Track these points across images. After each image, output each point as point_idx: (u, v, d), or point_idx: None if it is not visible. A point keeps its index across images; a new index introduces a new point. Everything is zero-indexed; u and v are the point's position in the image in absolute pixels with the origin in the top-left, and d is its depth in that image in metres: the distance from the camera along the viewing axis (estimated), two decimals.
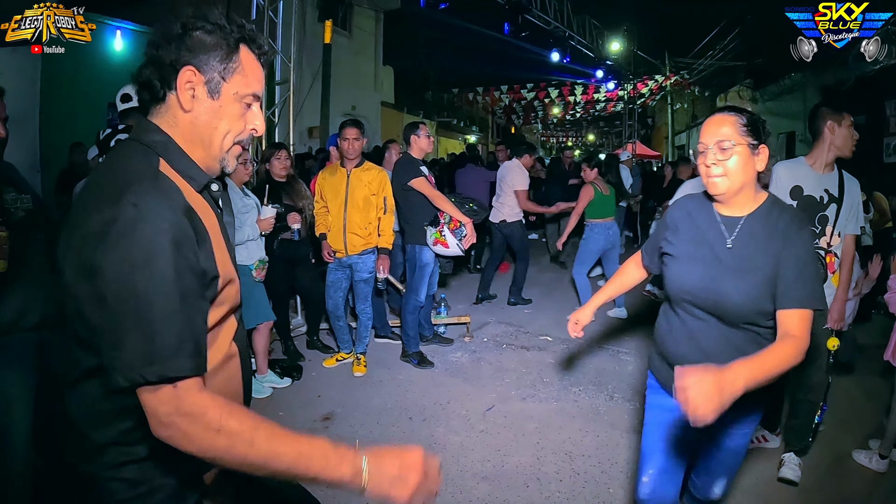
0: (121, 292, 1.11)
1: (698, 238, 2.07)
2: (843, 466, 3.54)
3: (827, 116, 3.22)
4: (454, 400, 4.51)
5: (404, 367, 5.18)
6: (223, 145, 1.36)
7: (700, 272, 2.02)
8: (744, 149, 1.91)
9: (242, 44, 1.34)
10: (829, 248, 3.26)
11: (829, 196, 3.23)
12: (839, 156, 3.23)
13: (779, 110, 16.42)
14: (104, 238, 1.12)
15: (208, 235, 1.27)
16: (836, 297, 3.26)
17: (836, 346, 3.27)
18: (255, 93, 1.37)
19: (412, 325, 5.21)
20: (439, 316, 6.13)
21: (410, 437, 3.91)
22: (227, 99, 1.33)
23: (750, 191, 2.00)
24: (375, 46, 18.22)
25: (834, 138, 3.19)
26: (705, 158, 1.96)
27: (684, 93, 24.55)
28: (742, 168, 1.93)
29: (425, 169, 5.04)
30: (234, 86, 1.33)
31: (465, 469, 3.52)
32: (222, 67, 1.31)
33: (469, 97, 27.05)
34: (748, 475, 3.43)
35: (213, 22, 1.30)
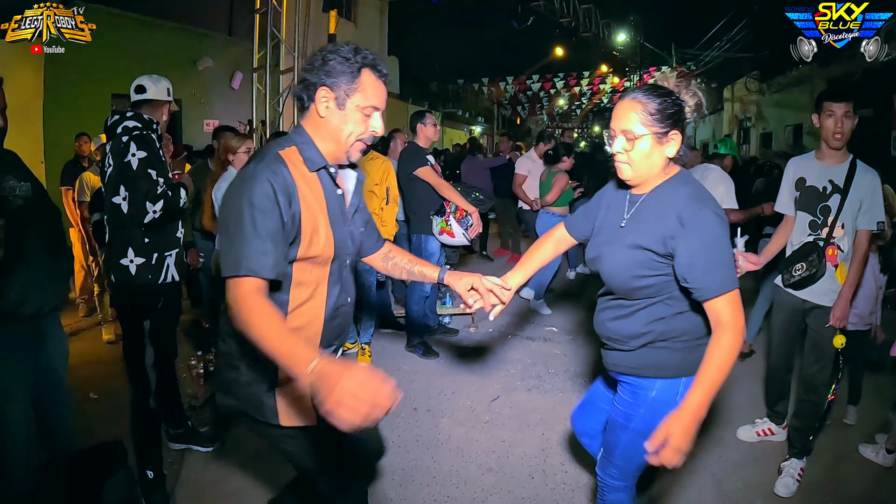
0: (231, 218, 1.73)
1: (607, 217, 2.14)
2: (849, 461, 3.52)
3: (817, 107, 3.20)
4: (459, 391, 4.49)
5: (409, 357, 5.16)
6: (347, 142, 1.88)
7: (597, 246, 2.12)
8: (650, 138, 1.89)
9: (365, 69, 1.84)
10: (832, 240, 3.17)
11: (832, 186, 3.16)
12: (831, 146, 3.16)
13: (786, 102, 16.29)
14: (233, 183, 1.83)
15: (297, 197, 1.78)
16: (841, 294, 3.13)
17: (843, 344, 3.16)
18: (374, 105, 1.87)
19: (417, 315, 5.19)
20: (444, 306, 6.11)
21: (415, 427, 3.89)
22: (351, 110, 1.84)
23: (658, 172, 1.98)
24: (380, 37, 18.08)
25: (821, 130, 3.17)
26: (613, 145, 1.97)
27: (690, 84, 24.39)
28: (647, 157, 1.92)
29: (431, 158, 5.00)
30: (356, 100, 1.84)
31: (470, 460, 3.51)
32: (347, 87, 1.82)
33: (474, 88, 26.93)
34: (753, 468, 3.41)
35: (343, 55, 1.81)
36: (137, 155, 2.99)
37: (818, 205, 3.20)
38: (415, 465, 3.46)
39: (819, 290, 3.20)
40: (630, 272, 1.97)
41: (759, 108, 18.81)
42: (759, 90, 18.53)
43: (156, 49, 9.14)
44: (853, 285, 3.14)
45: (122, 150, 3.00)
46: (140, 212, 2.99)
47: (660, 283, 1.96)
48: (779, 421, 3.71)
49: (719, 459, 3.53)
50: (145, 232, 3.08)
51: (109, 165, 3.06)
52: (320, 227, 1.86)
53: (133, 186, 2.99)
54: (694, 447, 3.48)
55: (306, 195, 1.82)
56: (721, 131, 22.48)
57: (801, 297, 3.28)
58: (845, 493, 3.26)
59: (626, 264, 1.97)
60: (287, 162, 1.81)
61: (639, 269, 1.95)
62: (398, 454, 3.56)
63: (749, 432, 3.77)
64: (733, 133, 20.96)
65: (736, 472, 3.40)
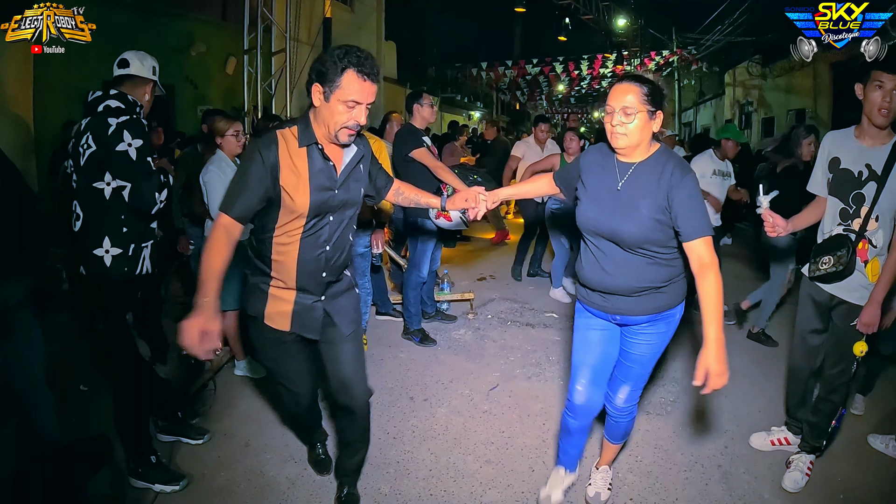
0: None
1: (600, 181, 2.49)
2: (858, 451, 3.42)
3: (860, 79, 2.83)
4: (457, 379, 4.38)
5: (406, 344, 5.05)
6: (333, 127, 2.28)
7: (599, 208, 2.46)
8: (643, 115, 2.32)
9: (348, 69, 2.20)
10: (864, 232, 2.84)
11: (869, 172, 2.81)
12: (874, 123, 2.78)
13: (788, 87, 16.17)
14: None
15: (279, 165, 2.28)
16: (871, 298, 2.81)
17: (864, 353, 2.90)
18: (354, 99, 2.23)
19: (414, 301, 5.08)
20: (442, 292, 6.00)
21: (411, 417, 3.79)
22: (334, 102, 2.24)
23: (645, 144, 2.41)
24: (377, 21, 17.91)
25: (864, 103, 2.80)
26: (612, 119, 2.35)
27: (691, 69, 24.16)
28: (640, 130, 2.34)
29: (427, 139, 4.85)
30: (338, 95, 2.23)
31: (468, 452, 3.40)
32: (332, 84, 2.22)
33: (472, 73, 26.72)
34: (760, 460, 3.32)
35: (334, 57, 2.20)
36: (134, 144, 2.82)
37: (851, 192, 2.88)
38: (411, 457, 3.35)
39: (848, 286, 2.92)
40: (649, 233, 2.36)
41: (761, 93, 18.67)
42: (760, 74, 18.37)
43: (149, 35, 8.98)
44: (886, 287, 2.79)
45: (111, 135, 2.80)
46: (148, 203, 2.91)
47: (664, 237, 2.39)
48: (796, 430, 3.40)
49: (725, 451, 3.42)
50: (124, 220, 2.90)
51: (89, 146, 2.81)
52: (298, 188, 2.32)
53: (137, 177, 2.85)
54: (700, 439, 3.42)
55: (288, 164, 2.31)
56: (722, 116, 22.34)
57: (828, 292, 3.01)
58: (853, 485, 3.15)
59: (643, 226, 2.35)
60: (280, 138, 2.32)
61: (654, 228, 2.35)
62: (393, 446, 3.45)
63: (763, 440, 3.50)
64: (735, 118, 20.82)
65: (743, 464, 3.30)
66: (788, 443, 3.43)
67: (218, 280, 2.21)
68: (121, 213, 2.89)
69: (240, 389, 4.15)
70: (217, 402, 3.93)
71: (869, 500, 3.09)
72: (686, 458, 3.34)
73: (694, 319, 4.75)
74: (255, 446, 3.42)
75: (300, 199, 2.32)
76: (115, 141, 2.80)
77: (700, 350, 2.21)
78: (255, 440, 3.48)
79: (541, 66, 22.92)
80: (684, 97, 26.32)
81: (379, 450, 3.38)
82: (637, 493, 3.04)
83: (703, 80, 25.10)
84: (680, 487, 3.08)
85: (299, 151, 2.33)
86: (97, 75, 8.02)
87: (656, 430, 3.65)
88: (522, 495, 3.03)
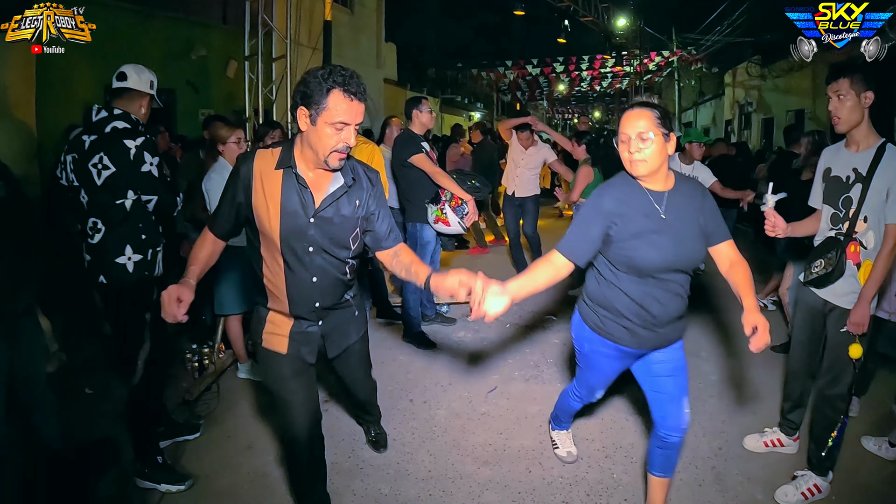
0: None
1: (644, 216, 2.41)
2: (852, 454, 3.42)
3: None
4: (456, 381, 4.44)
5: (405, 347, 5.10)
6: (322, 152, 2.18)
7: (662, 243, 2.38)
8: (659, 138, 2.32)
9: (334, 89, 2.10)
10: (854, 235, 2.87)
11: (856, 175, 2.86)
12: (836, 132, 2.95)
13: (787, 87, 16.16)
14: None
15: (252, 186, 2.26)
16: (860, 296, 2.82)
17: (860, 356, 2.86)
18: (342, 120, 2.13)
19: (413, 304, 5.13)
20: None
21: (410, 420, 3.85)
22: (321, 126, 2.14)
23: (665, 169, 2.43)
24: (377, 23, 17.94)
25: None
26: (628, 146, 2.35)
27: (691, 69, 24.18)
28: (658, 154, 2.34)
29: (426, 145, 4.91)
30: (325, 117, 2.13)
31: (466, 453, 3.46)
32: (317, 107, 2.12)
33: (473, 73, 26.75)
34: (754, 461, 3.37)
35: (318, 78, 2.11)
36: (154, 162, 3.02)
37: (840, 196, 2.93)
38: (410, 458, 3.42)
39: (838, 290, 2.94)
40: (701, 252, 2.47)
41: (761, 94, 18.67)
42: (760, 75, 18.37)
43: (150, 39, 9.02)
44: (875, 286, 2.80)
45: (133, 160, 2.94)
46: (172, 208, 3.27)
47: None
48: (790, 431, 3.46)
49: (720, 452, 3.48)
50: (142, 228, 3.07)
51: (105, 167, 2.93)
52: (269, 211, 2.26)
53: (161, 190, 3.10)
54: (695, 440, 3.48)
55: (260, 185, 2.26)
56: (722, 117, 22.38)
57: (822, 297, 3.04)
58: (847, 487, 3.18)
59: (698, 247, 2.45)
60: (258, 157, 2.29)
61: (701, 243, 2.47)
62: (393, 447, 3.51)
63: (756, 441, 3.54)
64: (734, 118, 20.84)
65: (736, 465, 3.35)
66: (782, 444, 3.47)
67: (199, 266, 2.34)
68: (139, 222, 3.07)
69: (243, 392, 4.21)
70: (220, 404, 3.99)
71: (861, 501, 3.13)
72: (680, 459, 3.38)
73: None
74: (259, 448, 3.48)
75: (271, 223, 2.26)
76: (139, 164, 2.97)
77: (742, 316, 2.33)
78: (258, 442, 3.54)
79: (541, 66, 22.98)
80: (684, 97, 26.33)
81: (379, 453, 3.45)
82: (631, 493, 3.10)
83: (702, 81, 25.12)
84: (674, 488, 3.11)
85: (274, 173, 2.26)
86: (98, 80, 8.14)
87: None
88: (520, 496, 3.08)
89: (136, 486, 3.09)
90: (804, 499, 3.02)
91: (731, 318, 5.86)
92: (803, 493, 3.03)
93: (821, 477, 3.06)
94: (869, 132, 2.90)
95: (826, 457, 3.04)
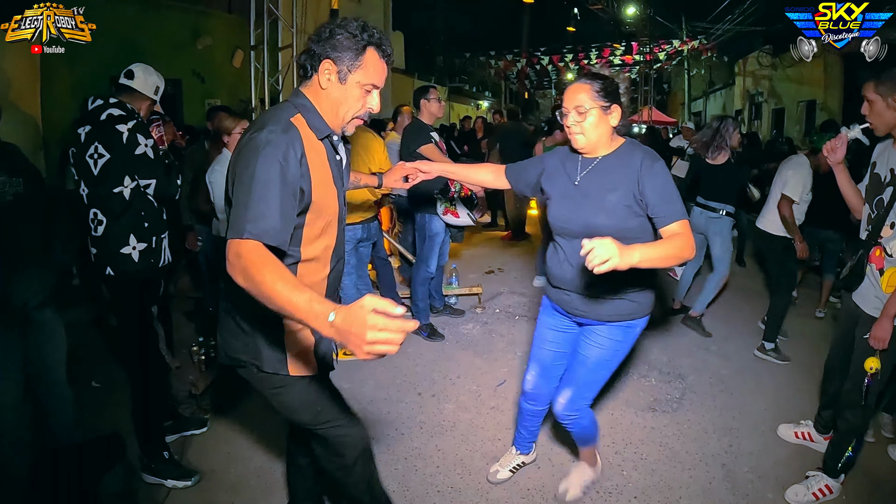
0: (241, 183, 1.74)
1: (564, 178, 2.52)
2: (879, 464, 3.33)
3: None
4: (464, 374, 4.41)
5: (414, 339, 5.07)
6: (344, 116, 1.97)
7: (567, 205, 2.47)
8: (597, 111, 2.35)
9: (370, 47, 1.89)
10: (879, 239, 2.73)
11: (892, 176, 2.69)
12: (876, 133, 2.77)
13: (799, 78, 16.03)
14: (244, 148, 1.81)
15: (306, 161, 1.84)
16: (884, 311, 2.66)
17: (875, 370, 2.73)
18: (374, 83, 1.94)
19: (422, 296, 5.11)
20: (450, 287, 6.02)
21: (419, 413, 3.83)
22: (352, 85, 1.91)
23: (607, 140, 2.43)
24: (385, 11, 17.85)
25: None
26: (567, 120, 2.40)
27: (701, 58, 23.99)
28: (596, 126, 2.37)
29: (435, 135, 4.87)
30: (357, 77, 1.90)
31: (475, 449, 3.43)
32: (351, 63, 1.88)
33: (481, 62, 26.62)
34: (764, 458, 3.34)
35: (350, 31, 1.86)
36: (148, 143, 2.98)
37: (875, 197, 2.79)
38: (418, 452, 3.39)
39: (865, 295, 2.83)
40: (624, 222, 2.36)
41: (772, 83, 18.53)
42: (771, 64, 18.21)
43: (155, 29, 8.99)
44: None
45: (126, 142, 2.90)
46: (172, 191, 3.16)
47: (640, 225, 2.39)
48: (821, 430, 3.40)
49: (730, 449, 3.44)
50: (145, 216, 3.03)
51: (101, 155, 2.89)
52: (328, 191, 1.97)
53: (159, 172, 3.03)
54: (705, 436, 3.44)
55: (315, 163, 1.90)
56: (732, 106, 22.19)
57: (853, 299, 2.92)
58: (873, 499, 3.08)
59: (618, 216, 2.36)
60: (299, 130, 1.88)
61: (628, 217, 2.37)
62: (401, 441, 3.49)
63: (788, 430, 3.54)
64: (744, 108, 20.67)
65: (747, 462, 3.32)
66: (811, 439, 3.44)
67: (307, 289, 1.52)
68: (141, 210, 3.02)
69: (250, 385, 4.18)
70: (227, 397, 3.98)
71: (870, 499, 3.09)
72: (690, 457, 3.36)
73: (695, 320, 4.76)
74: (265, 442, 3.46)
75: (330, 202, 1.99)
76: (132, 146, 2.91)
77: None
78: (264, 436, 3.52)
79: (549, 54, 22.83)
80: (694, 86, 26.15)
81: (387, 445, 3.42)
82: (641, 491, 3.06)
83: (712, 70, 24.92)
84: (684, 486, 3.10)
85: (318, 144, 1.94)
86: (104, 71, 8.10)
87: (662, 427, 3.67)
88: (528, 492, 3.06)
89: (143, 482, 3.08)
90: (815, 499, 2.98)
91: (741, 314, 5.83)
92: (814, 493, 2.99)
93: (833, 479, 3.02)
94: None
95: (841, 465, 2.99)
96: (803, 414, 3.70)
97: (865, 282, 2.84)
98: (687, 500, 3.00)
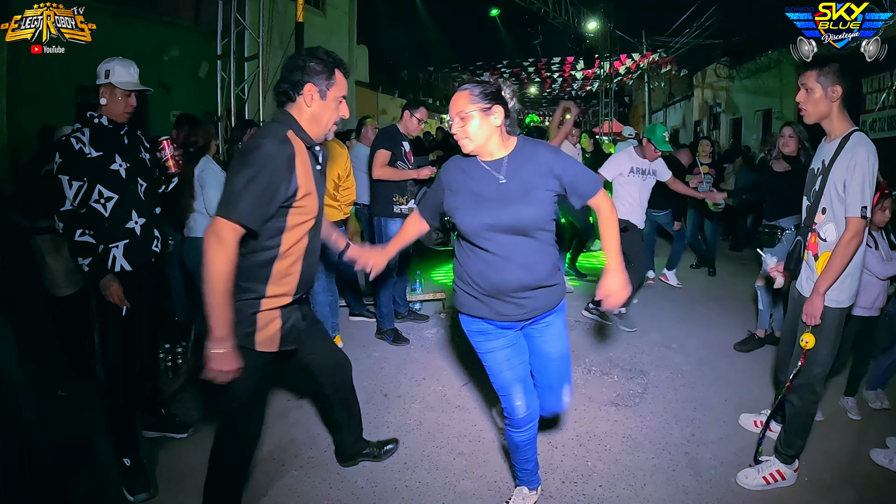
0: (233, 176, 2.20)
1: (476, 184, 2.47)
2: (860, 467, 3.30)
3: None
4: (430, 376, 4.44)
5: (379, 344, 5.11)
6: (327, 125, 2.45)
7: (488, 206, 2.42)
8: (478, 113, 2.39)
9: (336, 67, 2.40)
10: (813, 226, 2.90)
11: (822, 167, 2.87)
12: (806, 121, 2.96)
13: (755, 88, 16.39)
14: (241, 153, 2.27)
15: (295, 167, 2.27)
16: (815, 288, 2.81)
17: (811, 345, 2.85)
18: (343, 94, 2.44)
19: (386, 301, 5.13)
20: (414, 292, 6.05)
21: (385, 413, 3.84)
22: (330, 100, 2.41)
23: (497, 139, 2.45)
24: (349, 25, 17.88)
25: None
26: (453, 128, 2.46)
27: (661, 71, 24.44)
28: (479, 128, 2.40)
29: (407, 145, 5.00)
30: (334, 92, 2.41)
31: (442, 445, 3.46)
32: (327, 83, 2.38)
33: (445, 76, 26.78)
34: (725, 445, 3.41)
35: (319, 57, 2.37)
36: (85, 140, 2.97)
37: (811, 189, 2.96)
38: None
39: (804, 282, 2.98)
40: (547, 210, 2.43)
41: (729, 94, 18.94)
42: (728, 76, 18.62)
43: (122, 40, 8.88)
44: (829, 278, 2.76)
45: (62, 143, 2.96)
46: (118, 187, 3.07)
47: (554, 208, 2.48)
48: (780, 419, 3.39)
49: (692, 438, 3.52)
50: (91, 227, 2.98)
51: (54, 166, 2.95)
52: (312, 193, 2.37)
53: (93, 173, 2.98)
54: (667, 428, 3.52)
55: (301, 169, 2.31)
56: (691, 118, 22.63)
57: (797, 289, 3.06)
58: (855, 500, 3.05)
59: (543, 205, 2.41)
60: (293, 142, 2.30)
61: (550, 204, 2.44)
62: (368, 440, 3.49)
63: (748, 419, 3.65)
64: (703, 119, 21.09)
65: (709, 450, 3.40)
66: (770, 428, 3.47)
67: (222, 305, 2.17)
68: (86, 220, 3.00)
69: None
70: (196, 403, 3.95)
71: (825, 477, 3.15)
72: (654, 447, 3.43)
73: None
74: None
75: (311, 203, 2.39)
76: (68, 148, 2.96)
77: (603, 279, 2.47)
78: None
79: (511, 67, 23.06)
80: (654, 99, 26.62)
81: None
82: (606, 481, 3.12)
83: (672, 82, 25.40)
84: (648, 473, 3.16)
85: (305, 155, 2.35)
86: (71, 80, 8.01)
87: (625, 420, 3.74)
88: (495, 484, 3.09)
89: (111, 489, 3.01)
90: (766, 483, 3.04)
91: (701, 310, 5.96)
92: (765, 477, 3.05)
93: (785, 464, 3.08)
94: (839, 124, 2.85)
95: (787, 445, 3.06)
96: (764, 404, 3.81)
97: (805, 269, 2.97)
98: (652, 487, 3.06)
